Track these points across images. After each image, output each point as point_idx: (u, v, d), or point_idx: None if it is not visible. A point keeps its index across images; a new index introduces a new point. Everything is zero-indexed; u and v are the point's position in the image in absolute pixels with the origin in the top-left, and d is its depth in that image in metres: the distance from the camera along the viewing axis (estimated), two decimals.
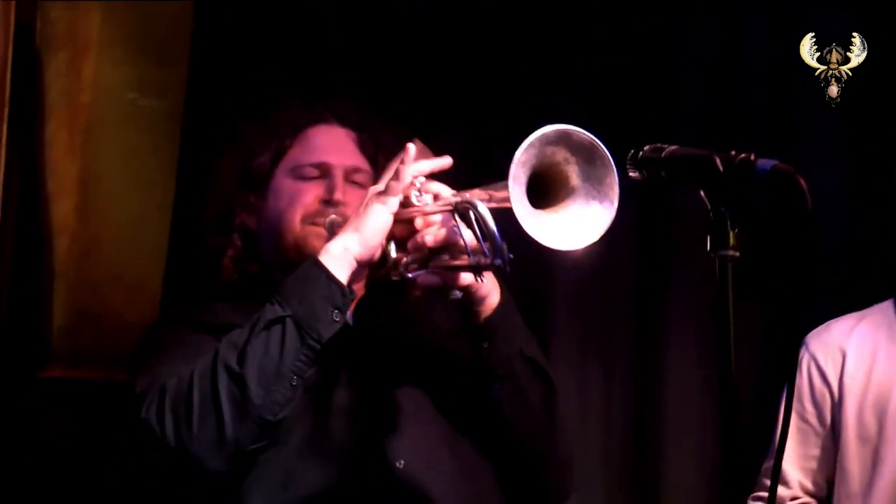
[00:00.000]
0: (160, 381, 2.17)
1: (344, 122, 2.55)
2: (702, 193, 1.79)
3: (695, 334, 3.24)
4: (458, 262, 2.11)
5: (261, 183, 2.50)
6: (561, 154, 1.93)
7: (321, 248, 2.23)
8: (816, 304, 3.10)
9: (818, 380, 2.75)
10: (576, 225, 1.94)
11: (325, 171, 2.46)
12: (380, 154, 2.50)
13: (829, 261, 3.12)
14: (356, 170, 2.48)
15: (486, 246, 2.00)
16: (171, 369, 2.19)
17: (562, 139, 1.92)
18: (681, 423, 3.25)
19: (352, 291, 2.18)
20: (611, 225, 1.95)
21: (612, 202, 1.94)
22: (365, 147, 2.53)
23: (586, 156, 1.93)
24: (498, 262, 1.98)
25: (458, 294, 2.17)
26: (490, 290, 2.22)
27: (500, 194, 1.96)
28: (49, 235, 3.49)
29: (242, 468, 2.18)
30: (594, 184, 1.94)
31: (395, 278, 2.22)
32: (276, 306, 2.15)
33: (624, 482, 3.28)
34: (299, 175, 2.47)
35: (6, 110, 3.27)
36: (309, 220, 2.41)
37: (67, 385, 3.41)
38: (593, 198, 1.95)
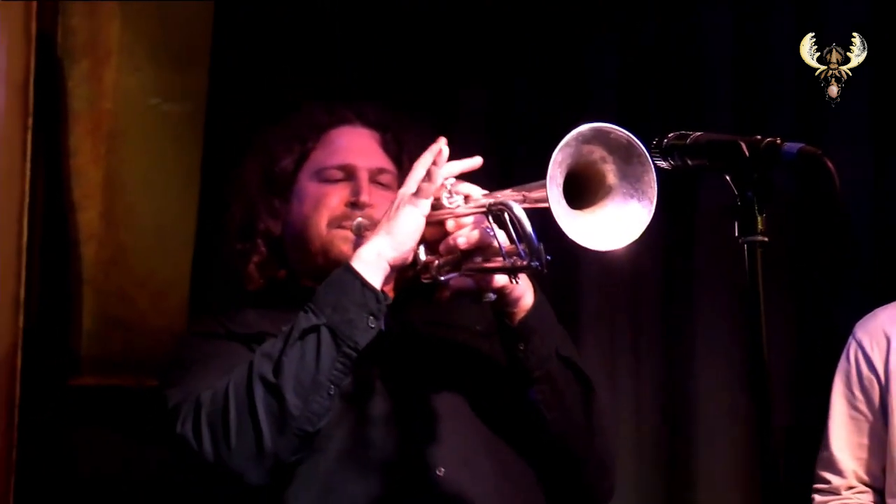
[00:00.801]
0: (194, 394, 2.13)
1: (366, 122, 2.50)
2: (728, 179, 1.78)
3: (724, 324, 3.23)
4: (491, 265, 2.07)
5: (284, 187, 2.45)
6: (598, 153, 1.91)
7: (348, 251, 2.20)
8: (846, 289, 3.10)
9: (865, 366, 2.75)
10: (614, 224, 1.92)
11: (349, 173, 2.40)
12: (404, 154, 2.46)
13: (857, 244, 3.11)
14: (381, 171, 2.43)
15: (521, 247, 1.96)
16: (204, 382, 2.15)
17: (598, 137, 1.89)
18: (713, 414, 3.24)
19: (386, 297, 2.14)
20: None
21: (650, 200, 1.91)
22: (389, 147, 2.48)
23: (623, 154, 1.91)
24: (535, 264, 1.94)
25: (491, 296, 2.13)
26: (524, 290, 2.18)
27: (534, 195, 1.94)
28: (76, 243, 3.49)
29: (282, 479, 2.15)
30: (632, 182, 1.92)
31: (425, 280, 2.18)
32: (311, 315, 2.11)
33: (657, 475, 3.27)
34: (323, 178, 2.41)
35: (31, 119, 3.26)
36: (335, 223, 2.36)
37: (98, 393, 3.42)
38: (631, 196, 1.92)
